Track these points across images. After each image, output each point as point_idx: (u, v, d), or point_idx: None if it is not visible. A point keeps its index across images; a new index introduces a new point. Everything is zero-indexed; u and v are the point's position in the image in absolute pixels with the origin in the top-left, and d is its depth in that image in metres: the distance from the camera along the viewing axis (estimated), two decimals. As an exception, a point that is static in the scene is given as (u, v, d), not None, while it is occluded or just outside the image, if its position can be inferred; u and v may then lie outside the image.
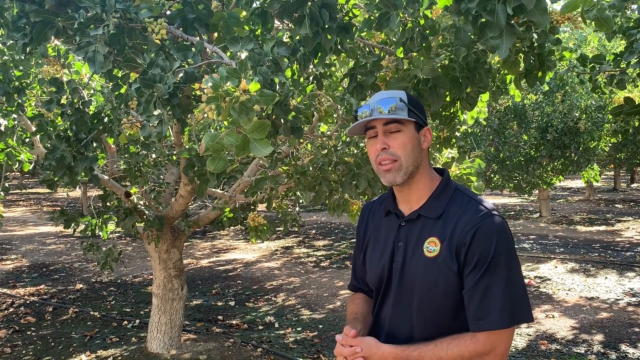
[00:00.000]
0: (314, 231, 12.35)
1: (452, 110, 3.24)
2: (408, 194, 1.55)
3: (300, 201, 4.70)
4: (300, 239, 11.31)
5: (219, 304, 6.43)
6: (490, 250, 1.39)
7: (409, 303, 1.50)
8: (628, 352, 4.68)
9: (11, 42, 2.95)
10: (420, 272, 1.47)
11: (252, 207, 4.85)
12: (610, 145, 11.40)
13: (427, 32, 2.50)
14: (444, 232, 1.46)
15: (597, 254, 8.89)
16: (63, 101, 3.09)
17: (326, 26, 2.27)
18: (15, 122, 3.95)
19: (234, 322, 5.66)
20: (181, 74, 1.98)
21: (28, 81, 3.49)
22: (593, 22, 2.42)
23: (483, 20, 1.85)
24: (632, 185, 23.39)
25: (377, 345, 1.47)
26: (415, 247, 1.50)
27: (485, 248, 1.39)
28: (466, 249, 1.41)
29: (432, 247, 1.46)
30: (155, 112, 2.00)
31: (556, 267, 7.98)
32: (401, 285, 1.51)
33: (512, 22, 1.85)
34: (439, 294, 1.45)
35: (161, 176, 4.85)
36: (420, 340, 1.47)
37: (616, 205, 16.23)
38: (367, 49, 3.11)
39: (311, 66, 2.54)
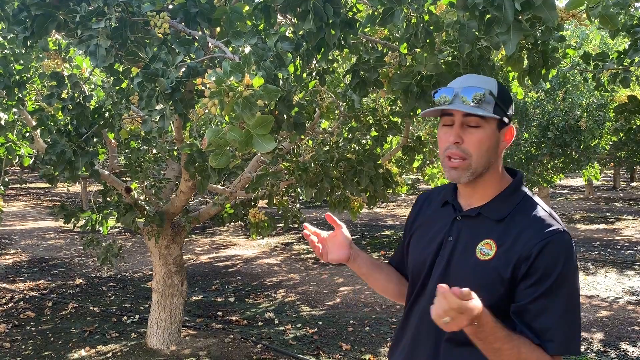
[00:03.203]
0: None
1: (454, 107, 3.22)
2: (472, 191, 1.43)
3: (301, 197, 4.69)
4: (300, 235, 11.30)
5: (219, 300, 6.43)
6: (555, 269, 1.27)
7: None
8: (628, 351, 4.68)
9: (12, 35, 2.93)
10: (467, 274, 1.35)
11: (253, 203, 4.84)
12: (610, 143, 11.39)
13: (432, 28, 2.48)
14: (503, 237, 1.33)
15: (596, 252, 8.89)
16: (64, 95, 3.07)
17: (330, 21, 2.25)
18: (16, 117, 3.93)
19: (234, 318, 5.65)
20: (183, 69, 1.96)
21: (29, 75, 3.47)
22: (597, 19, 2.40)
23: (489, 16, 1.83)
24: (631, 184, 23.39)
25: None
26: (466, 246, 1.38)
27: (550, 266, 1.27)
28: (529, 263, 1.28)
29: (486, 249, 1.34)
30: (157, 107, 1.99)
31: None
32: (442, 282, 1.36)
33: (519, 17, 1.84)
34: (482, 300, 1.28)
35: (162, 172, 4.84)
36: (450, 343, 1.37)
37: (616, 203, 16.24)
38: (370, 45, 3.09)
39: (314, 62, 2.53)
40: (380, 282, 1.65)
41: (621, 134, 9.47)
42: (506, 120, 1.38)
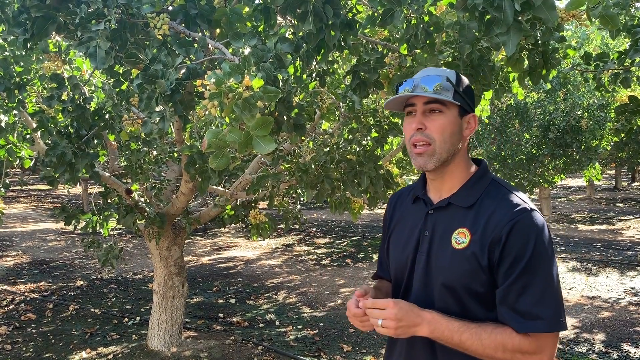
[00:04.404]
0: (314, 229, 12.34)
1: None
2: (440, 182, 1.45)
3: (302, 199, 4.69)
4: (301, 236, 11.30)
5: (220, 301, 6.42)
6: (527, 249, 1.29)
7: (432, 297, 1.40)
8: (630, 352, 4.67)
9: (12, 37, 2.93)
10: (447, 265, 1.36)
11: (254, 205, 4.84)
12: (611, 144, 11.37)
13: (431, 28, 2.48)
14: (475, 224, 1.35)
15: (598, 253, 8.88)
16: (64, 97, 3.07)
17: (330, 22, 2.25)
18: (16, 119, 3.93)
19: (235, 319, 5.65)
20: (183, 70, 1.96)
21: (29, 77, 3.48)
22: (598, 20, 2.40)
23: (489, 16, 1.83)
24: (633, 184, 23.36)
25: (411, 307, 1.34)
26: (442, 237, 1.40)
27: (522, 246, 1.29)
28: (501, 246, 1.30)
29: (461, 238, 1.36)
30: (157, 109, 1.98)
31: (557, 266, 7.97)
32: (425, 277, 1.41)
33: (519, 18, 1.83)
34: (463, 290, 1.35)
35: (162, 173, 4.83)
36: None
37: (617, 204, 16.22)
38: (370, 46, 3.09)
39: (314, 63, 2.53)
40: None
41: (622, 135, 9.45)
42: (467, 108, 1.42)
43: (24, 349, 4.77)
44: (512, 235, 1.30)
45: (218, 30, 2.37)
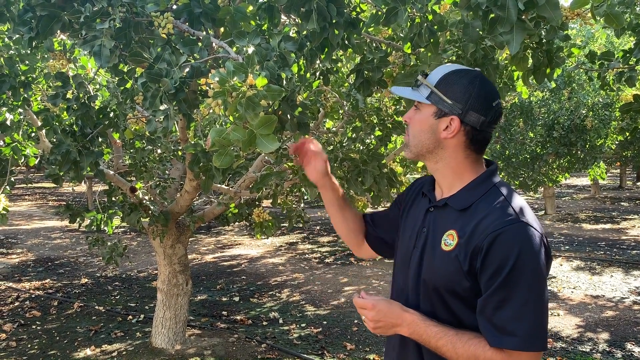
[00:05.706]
0: (318, 227, 12.34)
1: (459, 107, 3.21)
2: (437, 178, 1.47)
3: (305, 197, 4.69)
4: (305, 235, 11.31)
5: (224, 299, 6.44)
6: (509, 261, 1.24)
7: (419, 293, 1.42)
8: (634, 351, 4.66)
9: (17, 36, 2.94)
10: (435, 265, 1.37)
11: (257, 203, 4.85)
12: (616, 142, 11.33)
13: (435, 27, 2.48)
14: (464, 228, 1.33)
15: (602, 252, 8.86)
16: (69, 96, 3.08)
17: (333, 21, 2.25)
18: (21, 117, 3.95)
19: (239, 317, 5.67)
20: (187, 69, 1.96)
21: (34, 75, 3.49)
22: (603, 18, 2.39)
23: (493, 15, 1.83)
24: (638, 183, 23.26)
25: (391, 308, 1.39)
26: (435, 237, 1.40)
27: (504, 258, 1.24)
28: (483, 255, 1.27)
29: (449, 240, 1.35)
30: (162, 107, 1.99)
31: (561, 265, 7.95)
32: (416, 272, 1.43)
33: (523, 17, 1.83)
34: (447, 292, 1.34)
35: (166, 171, 4.85)
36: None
37: (622, 203, 16.16)
38: (374, 45, 3.09)
39: (318, 61, 2.53)
40: (335, 219, 1.82)
41: (627, 133, 9.41)
42: (446, 109, 1.37)
43: (29, 346, 4.80)
44: (494, 245, 1.26)
45: (222, 29, 2.37)
